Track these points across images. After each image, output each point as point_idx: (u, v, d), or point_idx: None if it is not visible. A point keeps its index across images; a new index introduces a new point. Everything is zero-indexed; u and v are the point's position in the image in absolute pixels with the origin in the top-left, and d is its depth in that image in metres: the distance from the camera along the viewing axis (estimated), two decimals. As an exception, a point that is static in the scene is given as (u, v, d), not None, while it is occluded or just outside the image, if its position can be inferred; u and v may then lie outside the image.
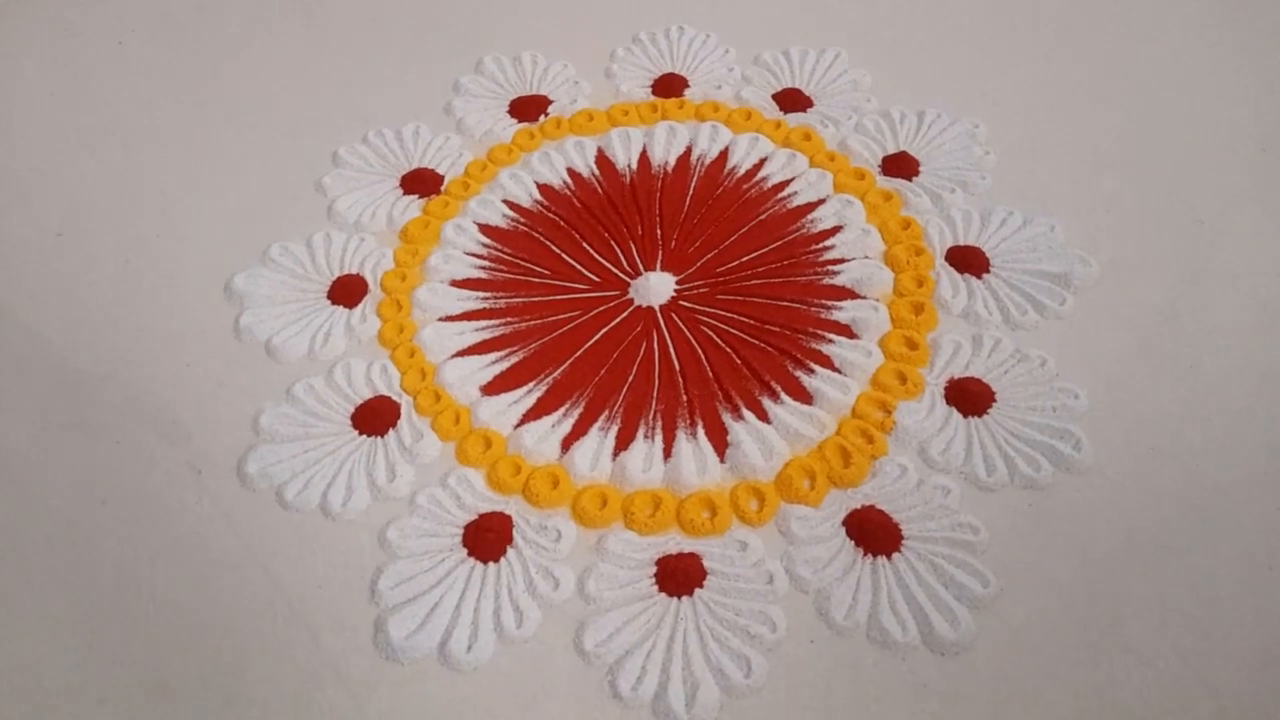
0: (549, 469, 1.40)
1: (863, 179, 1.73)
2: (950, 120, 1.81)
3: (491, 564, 1.32)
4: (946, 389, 1.45)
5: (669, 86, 1.92)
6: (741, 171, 1.77)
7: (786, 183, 1.74)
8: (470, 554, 1.33)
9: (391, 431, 1.46)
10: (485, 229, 1.72)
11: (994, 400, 1.43)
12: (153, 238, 1.75)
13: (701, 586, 1.28)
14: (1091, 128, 1.80)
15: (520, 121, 1.89)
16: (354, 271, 1.66)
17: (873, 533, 1.31)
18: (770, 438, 1.40)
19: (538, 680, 1.22)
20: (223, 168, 1.86)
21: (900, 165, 1.74)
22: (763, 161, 1.77)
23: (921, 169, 1.74)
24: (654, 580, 1.29)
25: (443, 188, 1.79)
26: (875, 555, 1.29)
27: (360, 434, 1.46)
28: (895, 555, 1.29)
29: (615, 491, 1.38)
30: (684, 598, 1.27)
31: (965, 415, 1.42)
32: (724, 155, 1.79)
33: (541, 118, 1.89)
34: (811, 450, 1.40)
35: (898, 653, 1.21)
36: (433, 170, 1.81)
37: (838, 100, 1.87)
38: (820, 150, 1.78)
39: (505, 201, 1.75)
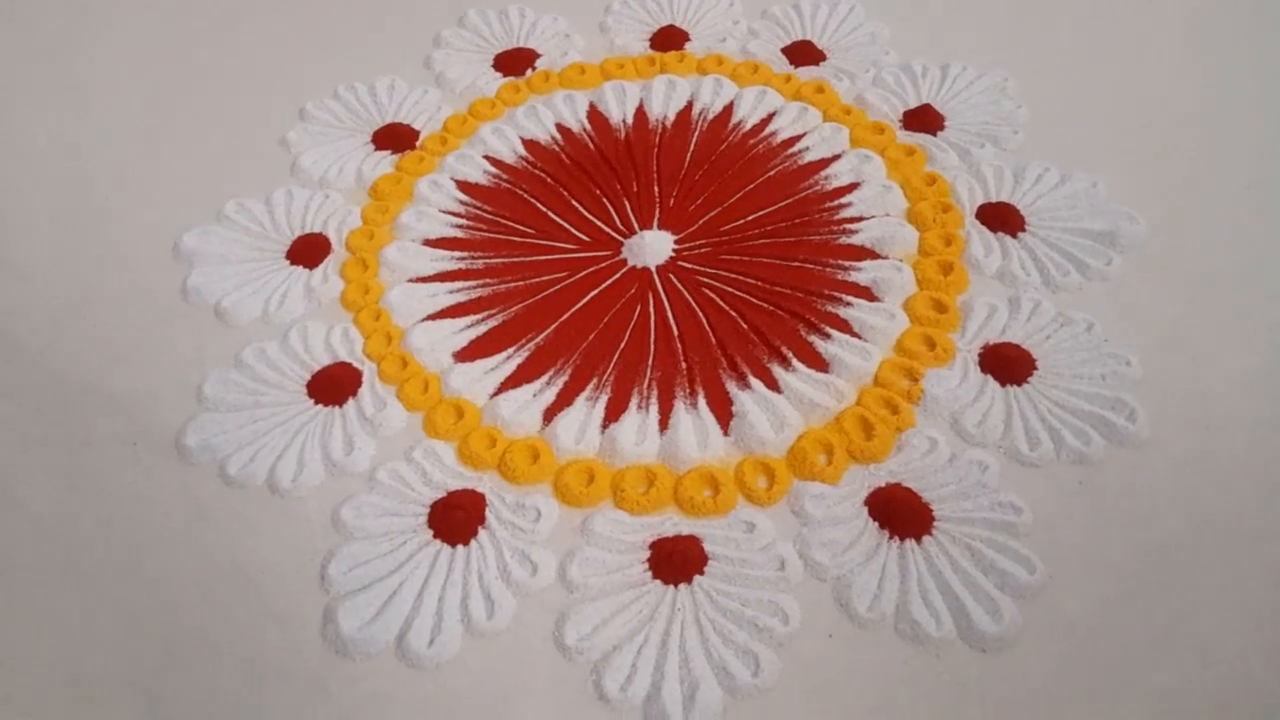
0: (528, 442, 1.23)
1: (882, 133, 1.57)
2: (977, 73, 1.65)
3: (460, 547, 1.14)
4: (981, 355, 1.28)
5: (669, 40, 1.77)
6: (748, 126, 1.61)
7: (798, 138, 1.58)
8: (436, 535, 1.15)
9: (351, 401, 1.29)
10: (464, 186, 1.55)
11: (1035, 368, 1.26)
12: (100, 197, 1.59)
13: (701, 573, 1.11)
14: (1134, 82, 1.64)
15: (505, 76, 1.74)
16: (316, 230, 1.50)
17: (900, 513, 1.13)
18: (781, 408, 1.23)
19: (511, 679, 1.05)
20: (181, 124, 1.70)
21: (924, 119, 1.58)
22: (771, 116, 1.61)
23: (947, 124, 1.58)
24: (647, 566, 1.12)
25: (418, 143, 1.63)
26: (903, 539, 1.12)
27: (316, 403, 1.29)
28: (926, 538, 1.12)
29: (603, 467, 1.21)
30: (681, 585, 1.10)
31: (1003, 384, 1.25)
32: (728, 110, 1.63)
33: (529, 72, 1.74)
34: (828, 422, 1.23)
35: (931, 649, 1.04)
36: (408, 125, 1.65)
37: (853, 54, 1.72)
38: (835, 104, 1.62)
39: (486, 157, 1.59)
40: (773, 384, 1.27)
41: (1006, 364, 1.26)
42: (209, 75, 1.80)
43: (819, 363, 1.29)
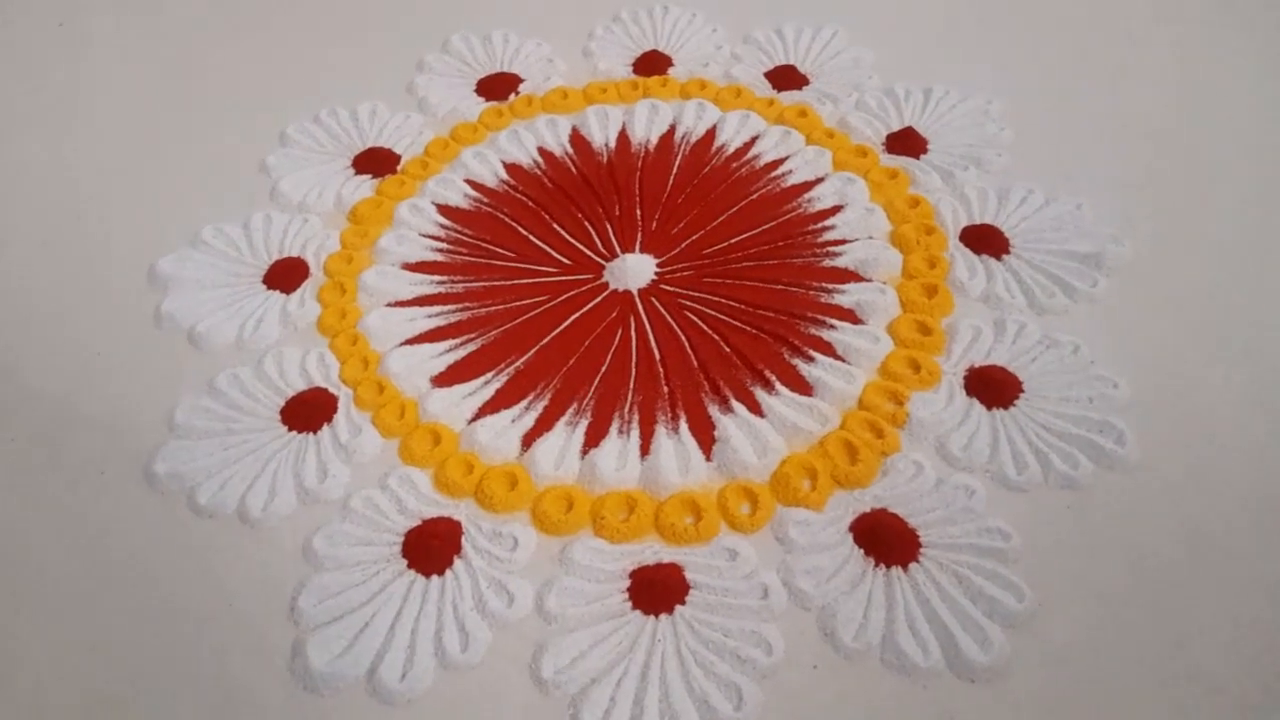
0: (506, 468, 1.20)
1: (865, 156, 1.56)
2: (961, 97, 1.65)
3: (435, 577, 1.11)
4: (967, 378, 1.26)
5: (652, 65, 1.76)
6: (731, 150, 1.59)
7: (780, 161, 1.57)
8: (410, 565, 1.12)
9: (326, 427, 1.26)
10: (444, 210, 1.54)
11: (1021, 390, 1.24)
12: (74, 220, 1.57)
13: (683, 603, 1.08)
14: (1117, 104, 1.63)
15: (488, 100, 1.73)
16: (294, 254, 1.48)
17: (885, 539, 1.11)
18: (764, 432, 1.21)
19: (485, 713, 1.02)
20: (160, 148, 1.68)
21: (906, 142, 1.57)
22: (754, 139, 1.60)
23: (930, 147, 1.57)
24: (627, 595, 1.09)
25: (399, 167, 1.61)
26: (889, 565, 1.09)
27: (290, 430, 1.26)
28: (912, 565, 1.09)
29: (583, 493, 1.18)
30: (662, 616, 1.07)
31: (989, 407, 1.23)
32: (711, 133, 1.62)
33: (511, 96, 1.72)
34: (812, 446, 1.21)
35: (918, 679, 1.01)
36: (389, 150, 1.64)
37: (836, 77, 1.71)
38: (818, 127, 1.61)
39: (468, 181, 1.57)
40: (755, 408, 1.24)
41: (992, 387, 1.24)
42: (188, 99, 1.78)
43: (802, 386, 1.27)
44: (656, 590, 1.08)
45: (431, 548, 1.13)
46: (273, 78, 1.81)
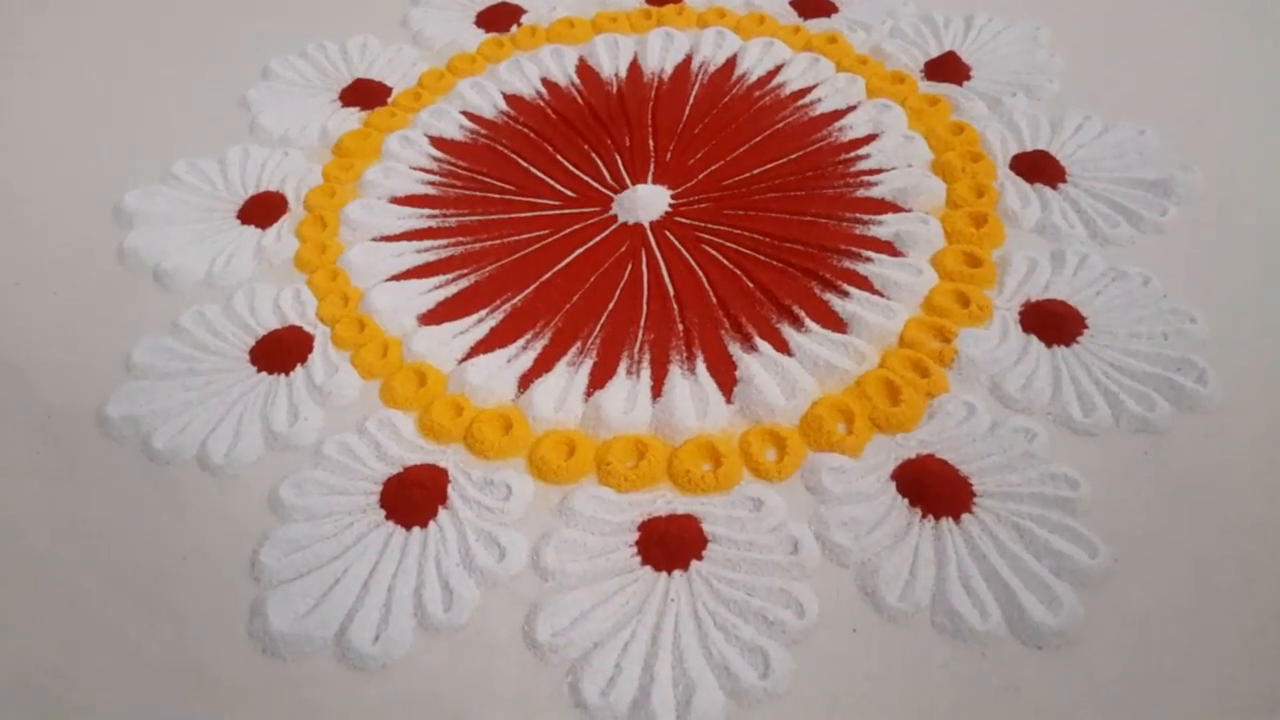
0: (500, 411, 1.07)
1: (902, 83, 1.41)
2: (1005, 24, 1.50)
3: (416, 529, 0.97)
4: (1023, 313, 1.12)
5: (666, -8, 1.63)
6: (753, 78, 1.45)
7: (808, 89, 1.42)
8: (389, 516, 0.98)
9: (299, 368, 1.13)
10: (437, 142, 1.40)
11: (1085, 326, 1.10)
12: (39, 157, 1.44)
13: (700, 558, 0.93)
14: (1176, 29, 1.48)
15: (488, 33, 1.59)
16: (273, 190, 1.35)
17: (934, 488, 0.96)
18: (792, 372, 1.07)
19: (471, 682, 0.88)
20: (133, 85, 1.56)
21: (947, 69, 1.43)
22: (779, 68, 1.46)
23: (974, 74, 1.42)
24: (636, 549, 0.95)
25: (390, 99, 1.48)
26: (938, 517, 0.95)
27: (259, 371, 1.13)
28: (965, 517, 0.94)
29: (586, 438, 1.04)
30: (676, 572, 0.93)
31: (1049, 344, 1.08)
32: (731, 62, 1.48)
33: (514, 28, 1.59)
34: (848, 387, 1.06)
35: (976, 645, 0.86)
36: (379, 82, 1.50)
37: (868, 5, 1.56)
38: (848, 54, 1.47)
39: (464, 113, 1.44)
40: (782, 346, 1.10)
41: (1052, 322, 1.10)
42: (168, 37, 1.65)
43: (835, 322, 1.12)
44: (669, 544, 0.94)
45: (413, 497, 0.99)
46: (256, 15, 1.68)
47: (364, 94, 1.48)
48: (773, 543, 0.94)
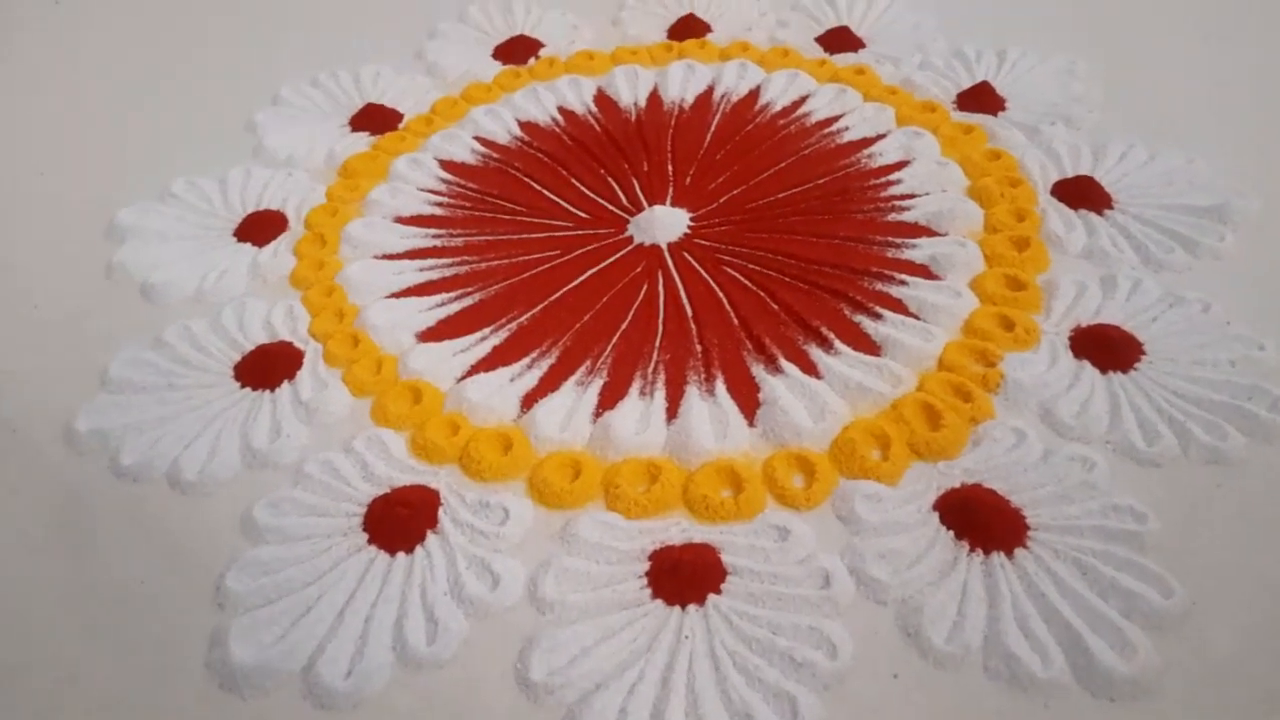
0: (499, 430, 0.97)
1: (933, 112, 1.35)
2: (1040, 58, 1.44)
3: (401, 554, 0.87)
4: (1073, 338, 1.02)
5: (688, 29, 1.58)
6: (777, 108, 1.39)
7: (835, 118, 1.36)
8: (372, 540, 0.89)
9: (286, 384, 1.04)
10: (448, 165, 1.34)
11: (1142, 353, 1.00)
12: (32, 176, 1.39)
13: (718, 591, 0.83)
14: (1217, 60, 1.42)
15: (506, 64, 1.55)
16: (273, 208, 1.28)
17: (982, 519, 0.85)
18: (821, 394, 0.97)
19: (453, 726, 0.77)
20: (141, 106, 1.52)
21: (981, 99, 1.37)
22: (804, 99, 1.40)
23: (1009, 105, 1.36)
24: (645, 581, 0.84)
25: (401, 125, 1.43)
26: (988, 551, 0.84)
27: (243, 386, 1.05)
28: (1019, 551, 0.83)
29: (593, 460, 0.95)
30: (691, 607, 0.82)
31: (1103, 370, 0.99)
32: (754, 93, 1.43)
33: (531, 60, 1.55)
34: (882, 411, 0.97)
35: (1037, 694, 0.75)
36: (392, 109, 1.46)
37: (897, 41, 1.52)
38: (876, 85, 1.41)
39: (477, 138, 1.38)
40: (810, 368, 1.01)
41: (1107, 346, 1.00)
42: (179, 62, 1.63)
43: (868, 345, 1.03)
44: (684, 575, 0.84)
45: (398, 519, 0.89)
46: (270, 44, 1.65)
47: (374, 119, 1.43)
48: (801, 576, 0.83)
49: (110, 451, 0.98)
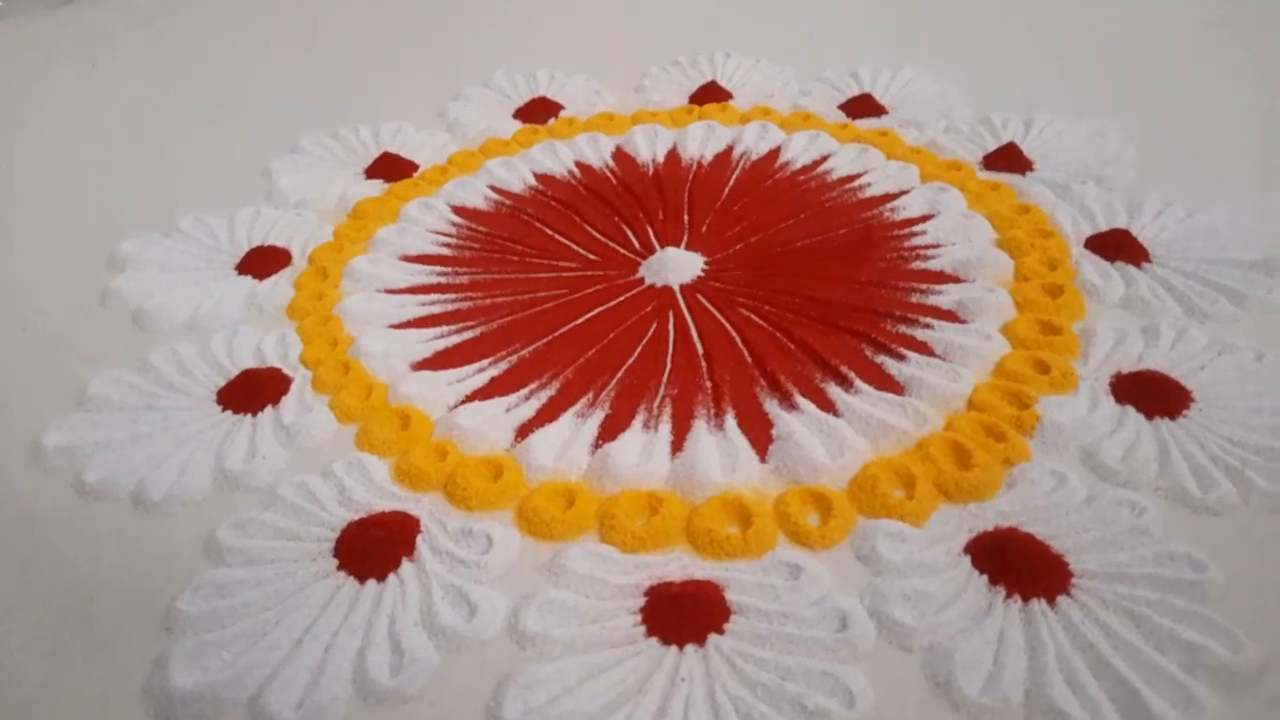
0: (489, 458, 0.90)
1: (959, 170, 1.31)
2: (1069, 123, 1.41)
3: (372, 581, 0.79)
4: (1114, 384, 0.95)
5: (710, 96, 1.57)
6: (798, 165, 1.36)
7: (857, 175, 1.32)
8: (341, 566, 0.80)
9: (269, 409, 0.98)
10: (460, 210, 1.31)
11: (1191, 399, 0.92)
12: (45, 206, 1.38)
13: (721, 631, 0.74)
14: (1254, 127, 1.38)
15: (525, 123, 1.54)
16: (279, 245, 1.25)
17: (1021, 564, 0.76)
18: (839, 430, 0.90)
19: (411, 770, 0.67)
20: (160, 149, 1.53)
21: (1008, 159, 1.33)
22: (825, 158, 1.37)
23: (1036, 166, 1.32)
24: (639, 617, 0.75)
25: (416, 174, 1.41)
26: (1026, 598, 0.74)
27: (224, 410, 0.99)
28: (1061, 599, 0.74)
29: (589, 491, 0.87)
30: (689, 647, 0.72)
31: (1149, 416, 0.91)
32: (774, 152, 1.40)
33: (551, 121, 1.54)
34: (907, 449, 0.89)
35: (1090, 755, 0.64)
36: (408, 159, 1.44)
37: (921, 108, 1.49)
38: (900, 146, 1.38)
39: (491, 186, 1.36)
40: (828, 406, 0.94)
41: (1153, 391, 0.92)
42: (202, 111, 1.65)
43: (891, 385, 0.96)
44: (683, 611, 0.75)
45: (371, 542, 0.81)
46: (292, 99, 1.66)
47: (389, 168, 1.41)
48: (814, 617, 0.74)
49: (76, 468, 0.92)
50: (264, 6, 2.09)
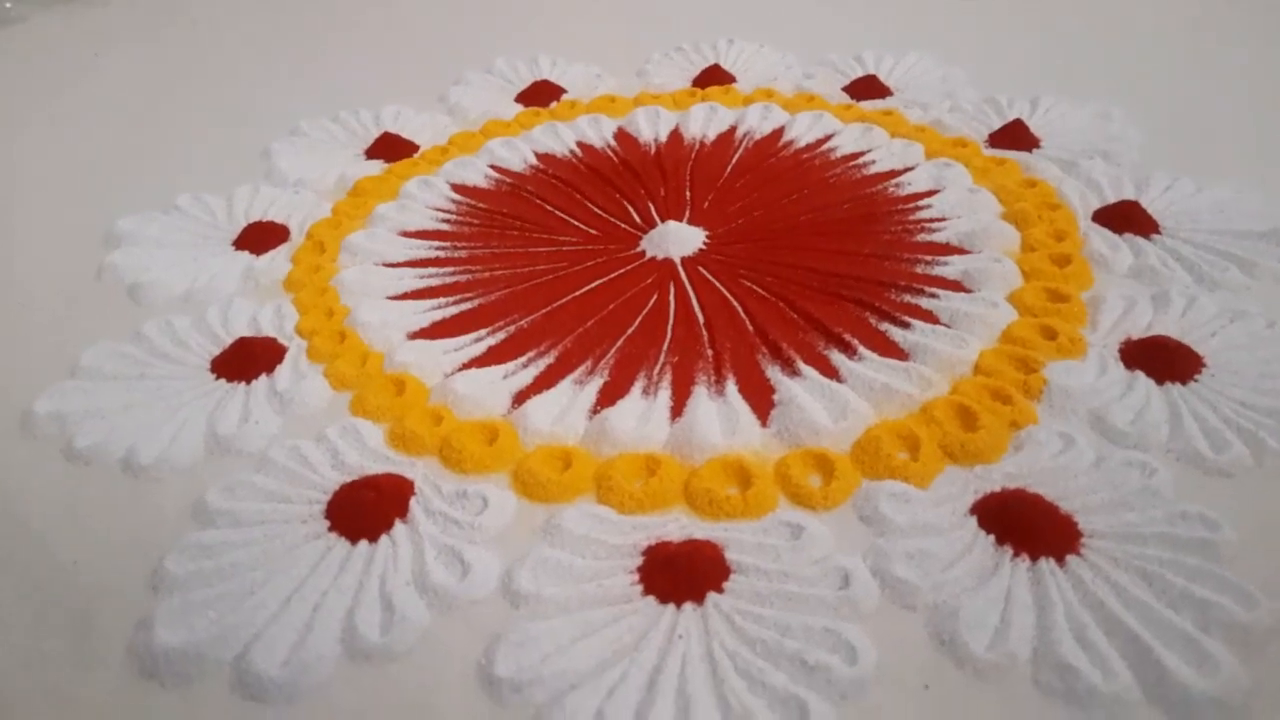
0: (485, 423, 0.89)
1: (964, 147, 1.30)
2: (1074, 105, 1.39)
3: (364, 542, 0.77)
4: (1124, 349, 0.93)
5: (713, 79, 1.56)
6: (801, 144, 1.35)
7: (861, 153, 1.31)
8: (333, 527, 0.79)
9: (263, 377, 0.97)
10: (460, 188, 1.30)
11: (1202, 364, 0.90)
12: (42, 187, 1.38)
13: (720, 590, 0.72)
14: (1258, 107, 1.36)
15: (527, 106, 1.53)
16: (277, 221, 1.24)
17: (1028, 524, 0.74)
18: (842, 395, 0.88)
19: (401, 726, 0.65)
20: (160, 134, 1.52)
21: (1014, 137, 1.31)
22: (829, 136, 1.36)
23: (1043, 143, 1.30)
24: (636, 576, 0.73)
25: (417, 155, 1.40)
26: (1034, 557, 0.72)
27: (218, 379, 0.97)
28: (1070, 558, 0.72)
29: (586, 454, 0.85)
30: (687, 605, 0.71)
31: (1159, 381, 0.89)
32: (778, 132, 1.38)
33: (553, 104, 1.53)
34: (911, 413, 0.87)
35: (1098, 710, 0.62)
36: (408, 140, 1.43)
37: (925, 90, 1.48)
38: (904, 125, 1.37)
39: (492, 165, 1.35)
40: (831, 372, 0.92)
41: (1163, 358, 0.90)
42: (204, 98, 1.64)
43: (895, 352, 0.94)
44: (680, 570, 0.73)
45: (364, 503, 0.79)
46: (294, 86, 1.66)
47: (390, 148, 1.40)
48: (815, 575, 0.72)
49: (66, 435, 0.90)
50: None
